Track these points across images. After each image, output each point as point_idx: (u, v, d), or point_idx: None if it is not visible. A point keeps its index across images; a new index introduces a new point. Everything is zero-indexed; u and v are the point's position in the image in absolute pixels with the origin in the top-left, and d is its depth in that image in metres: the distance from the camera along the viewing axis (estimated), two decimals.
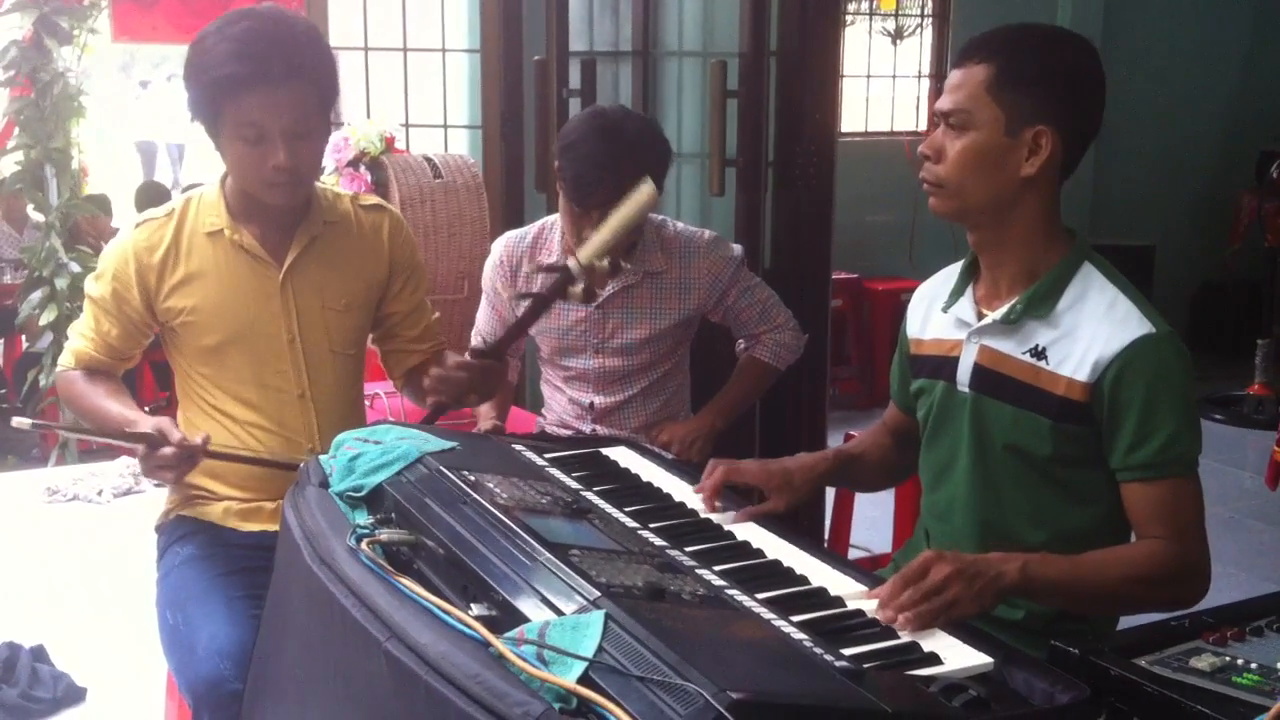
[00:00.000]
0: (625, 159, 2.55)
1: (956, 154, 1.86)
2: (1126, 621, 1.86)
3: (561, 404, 2.93)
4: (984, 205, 1.88)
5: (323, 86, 2.22)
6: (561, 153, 2.66)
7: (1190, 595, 1.79)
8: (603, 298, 2.77)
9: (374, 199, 2.53)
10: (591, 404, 2.86)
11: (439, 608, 1.40)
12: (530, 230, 2.91)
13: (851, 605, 1.58)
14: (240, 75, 2.11)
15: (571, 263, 2.30)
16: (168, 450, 2.10)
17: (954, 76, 1.88)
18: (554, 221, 2.85)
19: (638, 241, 2.77)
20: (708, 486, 1.97)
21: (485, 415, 2.91)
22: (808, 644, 1.42)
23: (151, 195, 7.29)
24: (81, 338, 2.35)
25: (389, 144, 4.38)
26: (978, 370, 1.93)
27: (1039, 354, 1.86)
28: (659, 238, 2.81)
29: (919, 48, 7.50)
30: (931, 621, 1.54)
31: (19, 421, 2.11)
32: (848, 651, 1.42)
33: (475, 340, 2.90)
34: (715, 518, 1.90)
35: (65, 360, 2.37)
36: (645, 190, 2.28)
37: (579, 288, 2.31)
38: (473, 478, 1.79)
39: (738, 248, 2.92)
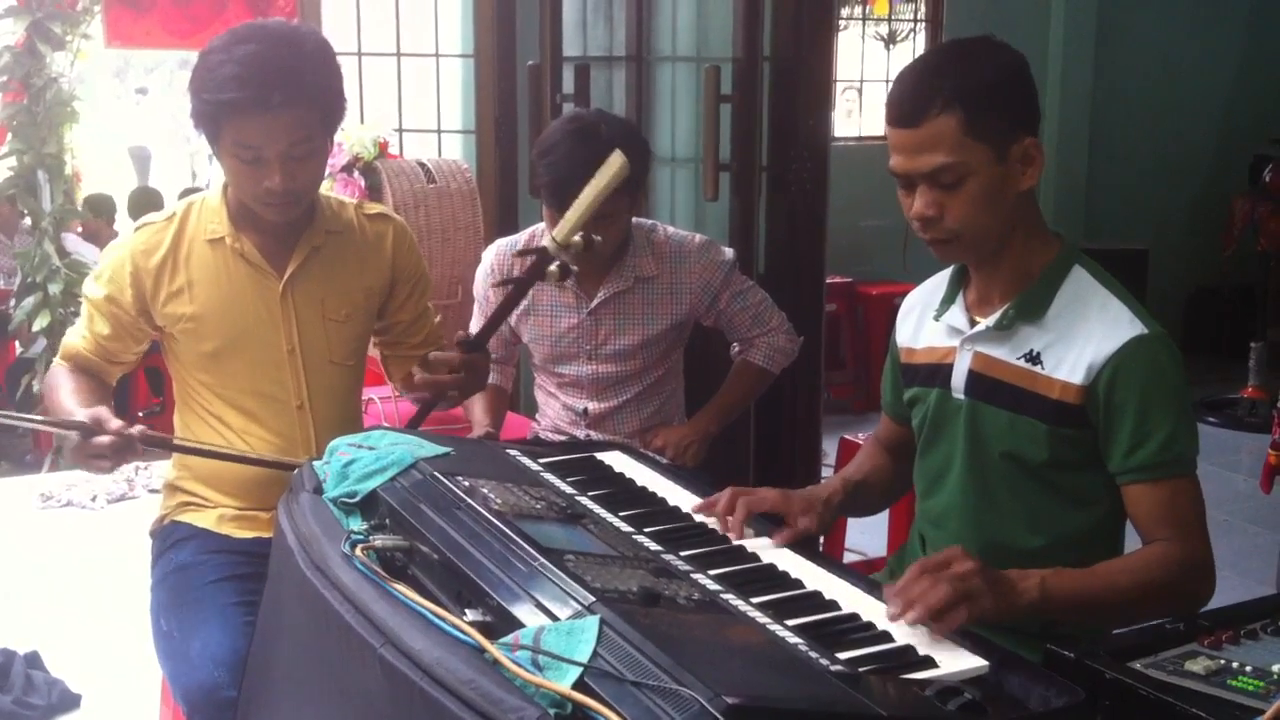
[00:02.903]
0: (601, 161, 2.56)
1: (966, 206, 1.81)
2: None
3: (555, 410, 2.92)
4: (996, 235, 1.87)
5: (326, 106, 2.21)
6: (539, 158, 2.68)
7: (1200, 594, 1.79)
8: (595, 304, 2.77)
9: (379, 208, 2.53)
10: (585, 410, 2.86)
11: (433, 613, 1.40)
12: (521, 237, 2.92)
13: (847, 609, 1.58)
14: (240, 102, 2.10)
15: (547, 241, 2.32)
16: (101, 439, 2.07)
17: (916, 137, 1.80)
18: (544, 228, 2.85)
19: (629, 248, 2.78)
20: (735, 523, 1.87)
21: (479, 423, 2.90)
22: (803, 648, 1.42)
23: (146, 201, 7.29)
24: (76, 335, 2.36)
25: (382, 149, 4.38)
26: (972, 377, 1.93)
27: (1034, 359, 1.86)
28: (649, 243, 2.81)
29: (912, 52, 7.51)
30: (950, 605, 1.51)
31: None
32: (843, 655, 1.42)
33: None
34: (748, 544, 1.83)
35: (57, 357, 2.38)
36: (615, 160, 2.29)
37: (555, 267, 2.33)
38: (467, 483, 1.79)
39: (729, 251, 2.92)
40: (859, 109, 7.58)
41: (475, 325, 2.95)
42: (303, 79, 2.15)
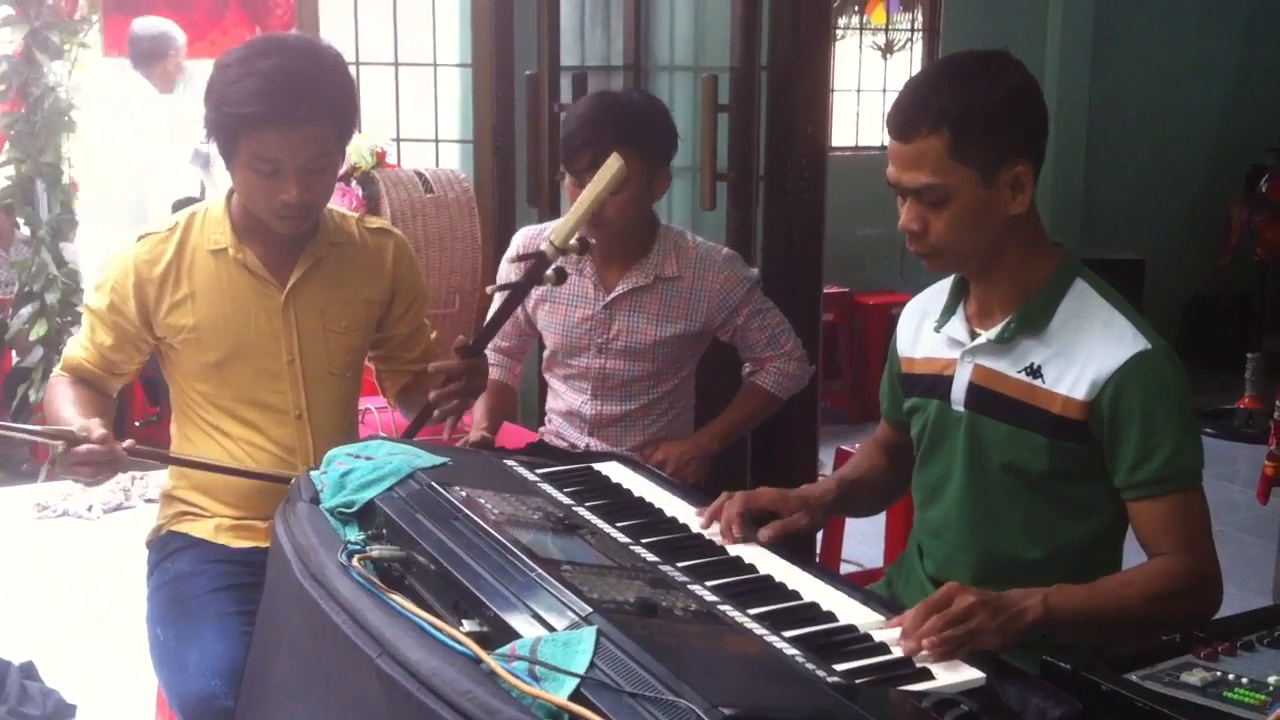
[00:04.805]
0: (608, 116, 2.60)
1: (945, 226, 1.83)
2: None
3: (560, 410, 2.91)
4: (982, 253, 1.88)
5: (342, 120, 2.22)
6: (561, 126, 2.70)
7: (1207, 606, 1.78)
8: (611, 297, 2.76)
9: (380, 221, 2.53)
10: (586, 413, 2.84)
11: (430, 624, 1.40)
12: (549, 224, 2.90)
13: (844, 620, 1.58)
14: (263, 116, 2.10)
15: (545, 246, 2.33)
16: (84, 448, 2.07)
17: (906, 152, 1.81)
18: None
19: (653, 245, 2.77)
20: (731, 514, 1.90)
21: (478, 424, 2.89)
22: (800, 659, 1.42)
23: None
24: (78, 345, 2.36)
25: (380, 158, 4.39)
26: (972, 389, 1.93)
27: (1034, 372, 1.86)
28: (677, 246, 2.80)
29: (910, 62, 7.53)
30: (955, 649, 1.52)
31: None
32: (840, 667, 1.42)
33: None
34: (746, 555, 1.84)
35: (58, 366, 2.38)
36: (612, 163, 2.30)
37: (552, 270, 2.34)
38: (464, 493, 1.79)
39: (755, 271, 2.92)
40: (856, 118, 7.58)
41: (497, 304, 2.93)
42: (324, 93, 2.15)
